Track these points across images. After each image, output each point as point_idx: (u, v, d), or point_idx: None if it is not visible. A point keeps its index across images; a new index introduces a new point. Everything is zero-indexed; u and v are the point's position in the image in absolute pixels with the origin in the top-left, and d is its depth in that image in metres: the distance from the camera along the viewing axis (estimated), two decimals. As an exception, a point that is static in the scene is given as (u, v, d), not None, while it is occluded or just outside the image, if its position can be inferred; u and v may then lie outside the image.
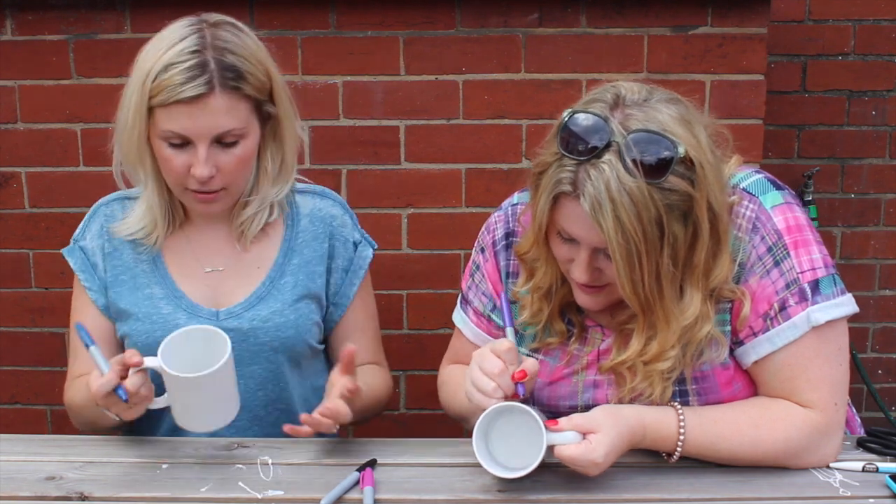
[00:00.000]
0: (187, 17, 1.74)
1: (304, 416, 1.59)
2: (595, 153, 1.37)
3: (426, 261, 2.66)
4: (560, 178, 1.41)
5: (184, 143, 1.69)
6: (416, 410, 2.79)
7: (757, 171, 1.60)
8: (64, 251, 1.89)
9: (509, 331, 1.58)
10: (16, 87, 2.58)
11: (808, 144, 3.10)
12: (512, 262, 1.70)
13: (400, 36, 2.53)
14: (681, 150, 1.38)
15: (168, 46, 1.67)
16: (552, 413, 1.62)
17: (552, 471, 1.53)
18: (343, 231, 1.90)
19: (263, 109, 1.76)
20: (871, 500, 1.45)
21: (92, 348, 1.58)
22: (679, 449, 1.51)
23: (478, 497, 1.49)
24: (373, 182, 2.62)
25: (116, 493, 1.50)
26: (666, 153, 1.37)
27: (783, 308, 1.51)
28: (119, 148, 1.78)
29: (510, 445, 1.49)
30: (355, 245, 1.91)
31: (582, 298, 1.55)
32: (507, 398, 1.48)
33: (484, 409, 1.47)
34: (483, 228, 1.75)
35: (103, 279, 1.85)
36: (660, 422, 1.51)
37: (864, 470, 1.53)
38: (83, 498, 1.48)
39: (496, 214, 1.74)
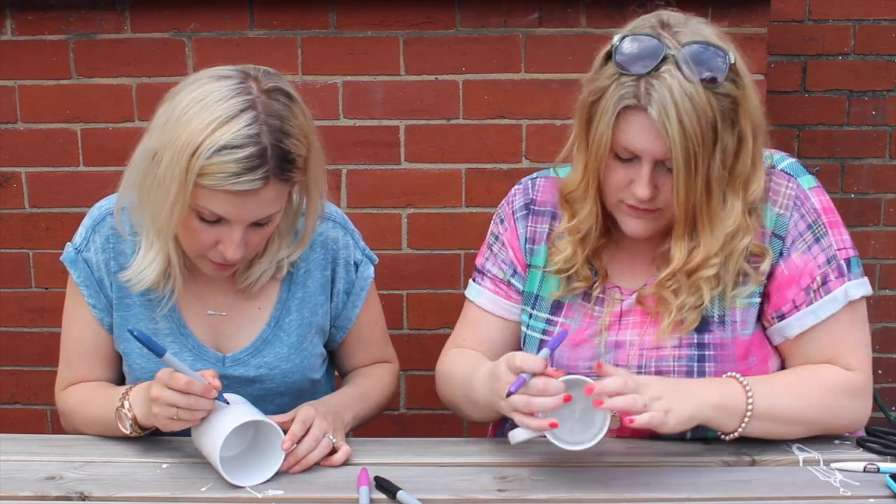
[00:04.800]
0: (231, 73, 1.56)
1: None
2: (654, 67, 1.47)
3: (426, 261, 2.66)
4: (623, 94, 1.49)
5: (218, 220, 1.57)
6: (416, 410, 2.79)
7: (788, 155, 1.69)
8: (65, 260, 1.76)
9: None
10: (16, 87, 2.58)
11: (808, 144, 3.10)
12: (530, 228, 1.76)
13: (400, 36, 2.53)
14: (731, 58, 1.50)
15: (220, 121, 1.50)
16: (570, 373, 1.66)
17: (553, 471, 1.54)
18: (345, 254, 1.82)
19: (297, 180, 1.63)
20: (871, 500, 1.45)
21: (168, 355, 1.51)
22: (750, 401, 1.53)
23: (478, 497, 1.48)
24: (373, 182, 2.61)
25: (116, 493, 1.50)
26: (719, 59, 1.49)
27: (825, 282, 1.61)
28: (141, 202, 1.62)
29: (569, 421, 1.49)
30: (356, 265, 1.84)
31: (631, 225, 1.60)
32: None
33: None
34: (502, 202, 1.81)
35: (109, 298, 1.76)
36: (718, 380, 1.58)
37: (864, 470, 1.53)
38: (83, 498, 1.48)
39: (515, 188, 1.80)
